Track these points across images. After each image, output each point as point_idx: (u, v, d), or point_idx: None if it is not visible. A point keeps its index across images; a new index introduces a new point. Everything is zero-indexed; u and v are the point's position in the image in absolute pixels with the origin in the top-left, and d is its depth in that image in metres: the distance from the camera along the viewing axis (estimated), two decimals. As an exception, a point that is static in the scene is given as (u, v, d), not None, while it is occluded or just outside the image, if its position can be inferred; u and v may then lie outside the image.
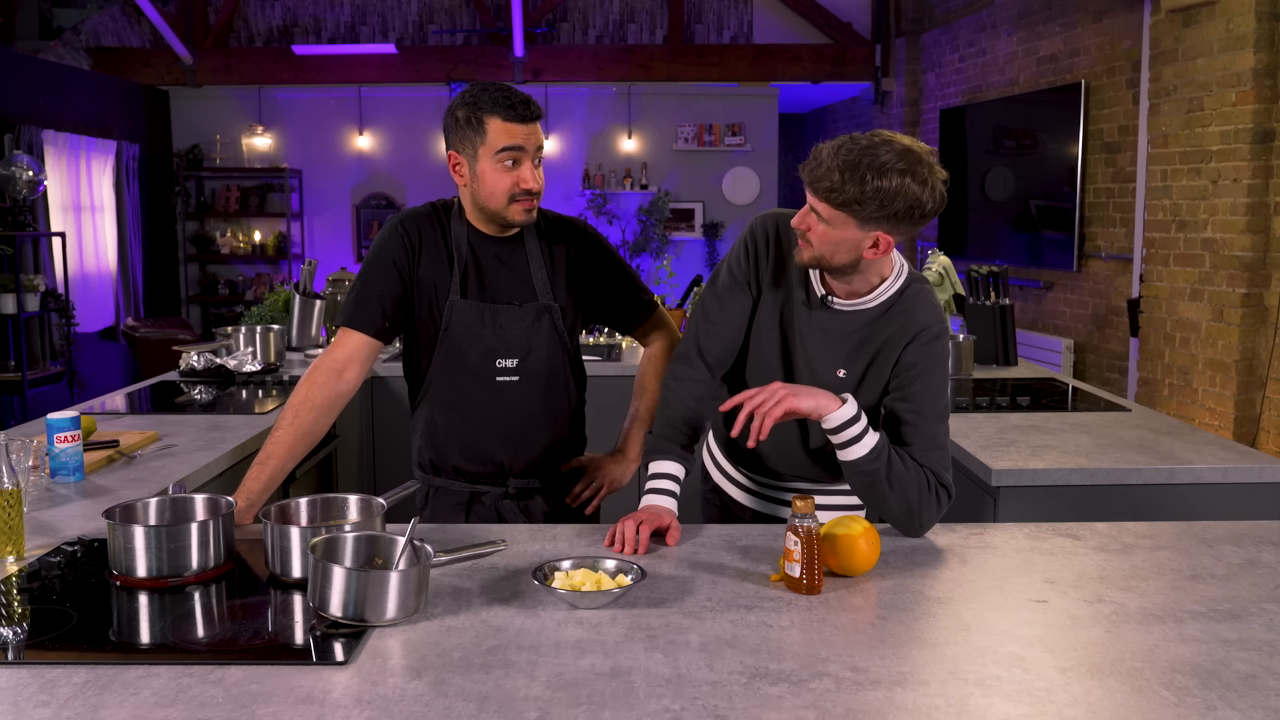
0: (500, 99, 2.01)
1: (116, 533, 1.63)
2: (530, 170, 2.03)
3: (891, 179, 1.68)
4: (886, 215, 1.71)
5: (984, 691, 1.27)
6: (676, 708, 1.22)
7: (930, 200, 1.72)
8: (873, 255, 1.79)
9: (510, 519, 2.17)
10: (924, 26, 8.76)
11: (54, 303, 7.22)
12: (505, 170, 2.02)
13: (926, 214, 1.73)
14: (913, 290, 1.89)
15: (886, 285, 1.88)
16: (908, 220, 1.73)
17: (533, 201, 2.06)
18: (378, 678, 1.30)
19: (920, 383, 1.85)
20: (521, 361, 2.12)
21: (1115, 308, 6.03)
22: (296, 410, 2.01)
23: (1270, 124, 4.64)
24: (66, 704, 1.23)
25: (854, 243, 1.77)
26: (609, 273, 2.24)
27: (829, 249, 1.79)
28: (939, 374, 1.87)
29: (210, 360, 3.62)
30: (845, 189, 1.70)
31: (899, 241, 1.80)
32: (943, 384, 1.88)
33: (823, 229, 1.77)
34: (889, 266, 1.89)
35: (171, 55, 9.02)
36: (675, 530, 1.83)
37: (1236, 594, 1.59)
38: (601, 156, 9.55)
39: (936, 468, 1.84)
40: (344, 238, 9.71)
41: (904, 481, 1.79)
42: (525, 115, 2.01)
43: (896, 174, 1.68)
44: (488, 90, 2.02)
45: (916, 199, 1.70)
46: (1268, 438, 4.71)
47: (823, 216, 1.76)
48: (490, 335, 2.11)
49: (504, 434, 2.14)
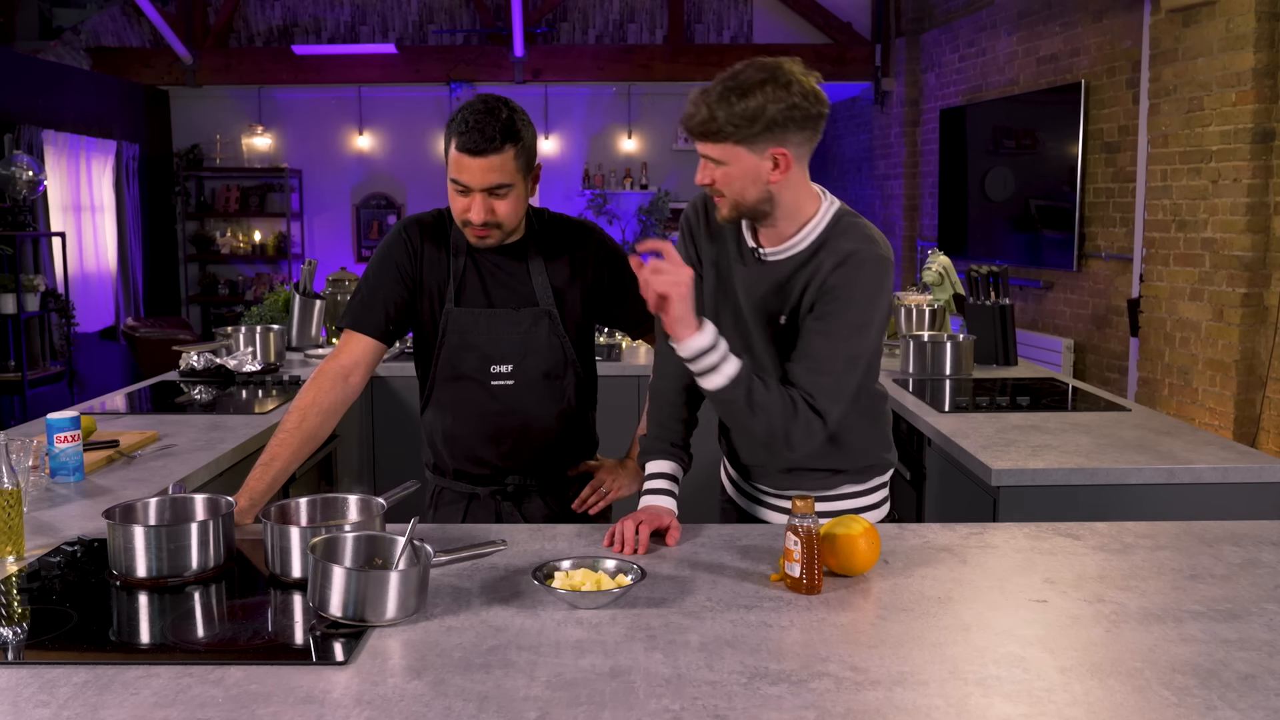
0: (463, 123, 1.94)
1: (116, 533, 1.63)
2: (478, 203, 1.97)
3: (754, 92, 1.71)
4: (767, 127, 1.72)
5: (984, 691, 1.27)
6: (676, 708, 1.22)
7: (802, 99, 1.73)
8: (779, 178, 1.77)
9: (507, 519, 2.18)
10: (924, 26, 8.76)
11: (54, 303, 7.23)
12: (457, 194, 2.00)
13: (808, 114, 1.74)
14: (844, 224, 1.86)
15: (814, 224, 1.85)
16: (791, 126, 1.74)
17: (484, 231, 2.01)
18: (378, 678, 1.30)
19: (834, 305, 1.79)
20: (516, 366, 2.12)
21: (1115, 307, 6.03)
22: (303, 413, 2.01)
23: (1270, 124, 4.64)
24: (66, 704, 1.23)
25: (754, 171, 1.77)
26: (616, 276, 2.21)
27: (737, 190, 1.79)
28: (858, 301, 1.79)
29: (210, 360, 3.62)
30: (717, 118, 1.73)
31: (800, 154, 1.79)
32: (861, 316, 1.80)
33: (722, 171, 1.78)
34: (812, 205, 1.86)
35: (171, 55, 9.02)
36: (675, 530, 1.83)
37: (1236, 594, 1.59)
38: (601, 156, 9.55)
39: (815, 391, 1.77)
40: (344, 238, 9.71)
41: (766, 407, 1.74)
42: (475, 147, 1.92)
43: (757, 86, 1.71)
44: (465, 109, 1.97)
45: (787, 101, 1.72)
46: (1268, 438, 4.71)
47: (715, 158, 1.78)
48: (485, 342, 2.12)
49: (498, 436, 2.15)
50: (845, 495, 2.01)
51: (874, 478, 2.05)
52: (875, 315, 1.82)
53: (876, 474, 2.05)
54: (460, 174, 1.97)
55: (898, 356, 3.98)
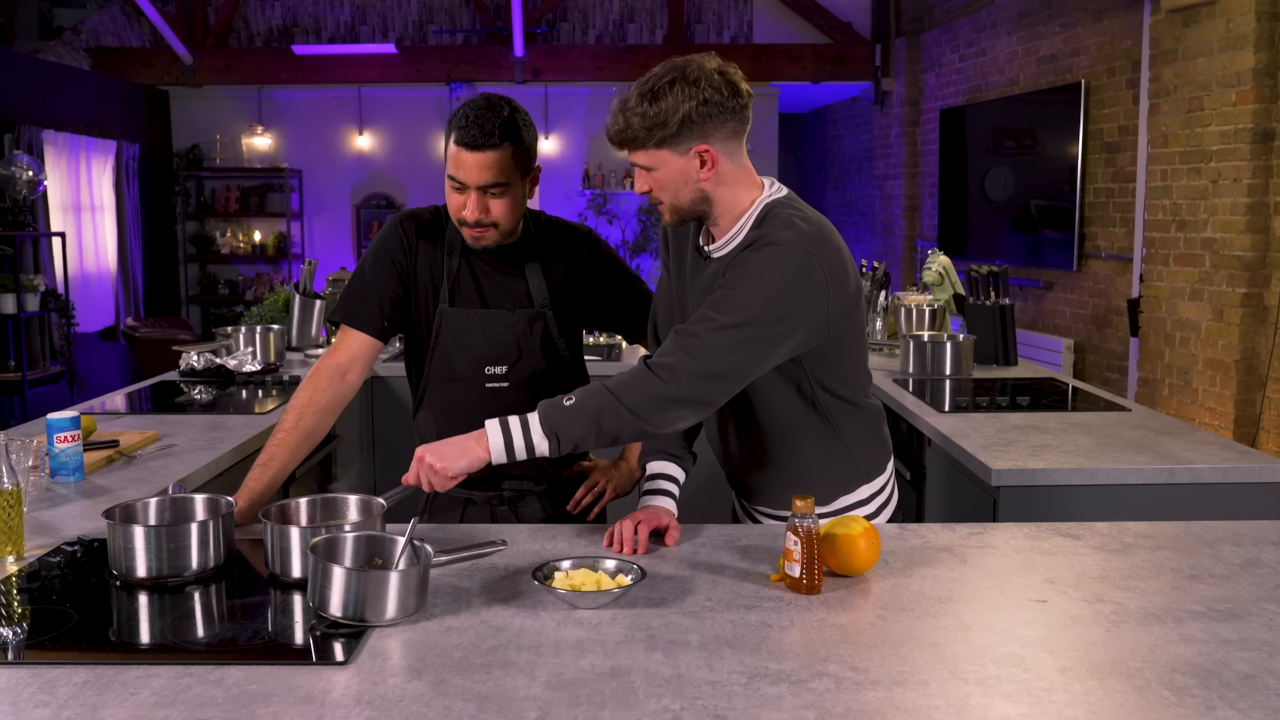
0: (463, 118, 1.94)
1: (116, 533, 1.63)
2: (473, 201, 1.97)
3: (665, 94, 1.70)
4: (684, 125, 1.71)
5: (984, 691, 1.27)
6: (676, 708, 1.22)
7: (714, 92, 1.70)
8: (709, 175, 1.75)
9: (503, 523, 2.16)
10: (924, 26, 8.76)
11: (54, 303, 7.23)
12: (453, 191, 2.00)
13: (724, 107, 1.72)
14: (774, 213, 1.80)
15: (747, 217, 1.81)
16: (709, 122, 1.71)
17: (479, 230, 2.01)
18: (378, 678, 1.30)
19: (727, 283, 1.73)
20: (511, 368, 2.12)
21: (1115, 307, 6.03)
22: (300, 413, 2.00)
23: (1270, 124, 4.64)
24: (66, 704, 1.23)
25: (683, 172, 1.75)
26: (614, 281, 2.22)
27: (671, 194, 1.78)
28: (751, 281, 1.70)
29: (210, 360, 3.62)
30: (633, 125, 1.72)
31: (728, 148, 1.76)
32: (750, 295, 1.70)
33: (653, 177, 1.77)
34: (747, 198, 1.82)
35: (171, 55, 9.02)
36: (674, 530, 1.82)
37: (1236, 594, 1.59)
38: (601, 156, 9.55)
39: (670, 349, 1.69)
40: (344, 238, 9.71)
41: (584, 412, 1.69)
42: (473, 142, 1.93)
43: (666, 85, 1.71)
44: (467, 105, 1.97)
45: (698, 98, 1.70)
46: (1268, 438, 4.71)
47: (644, 165, 1.77)
48: (479, 343, 2.11)
49: None
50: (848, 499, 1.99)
51: (861, 484, 1.98)
52: (774, 297, 1.69)
53: (863, 480, 1.98)
54: (457, 170, 1.96)
55: (898, 356, 3.99)
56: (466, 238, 2.05)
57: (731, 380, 1.72)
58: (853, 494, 1.97)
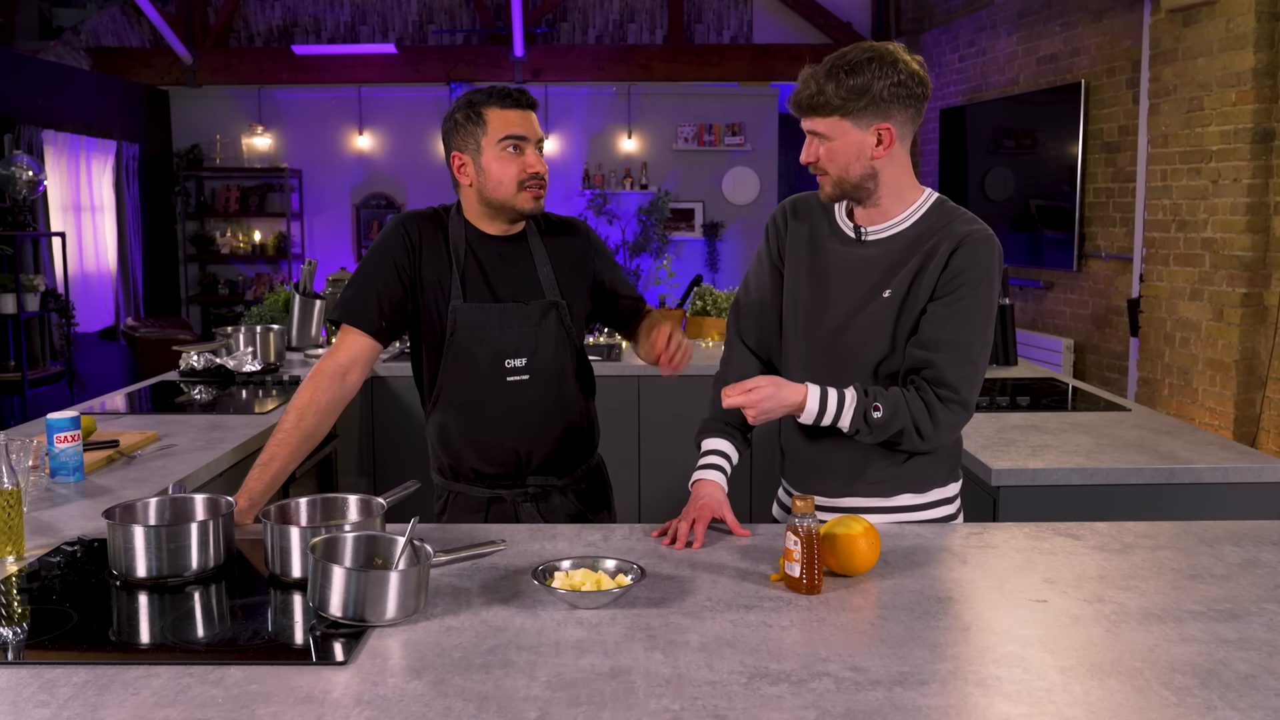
0: (495, 91, 2.08)
1: (116, 533, 1.63)
2: (535, 155, 2.07)
3: (862, 69, 1.79)
4: (873, 102, 1.79)
5: (984, 691, 1.27)
6: (676, 708, 1.22)
7: (908, 77, 1.79)
8: (883, 153, 1.82)
9: (527, 521, 2.15)
10: (924, 26, 8.76)
11: (54, 303, 7.22)
12: (510, 157, 2.05)
13: (912, 92, 1.80)
14: (948, 207, 1.91)
15: (918, 205, 1.90)
16: (896, 104, 1.80)
17: (540, 189, 2.09)
18: (377, 678, 1.30)
19: (963, 288, 1.82)
20: (530, 360, 2.13)
21: (1115, 307, 6.03)
22: (300, 413, 2.01)
23: (1270, 124, 4.64)
24: (66, 704, 1.23)
25: (860, 146, 1.82)
26: (608, 272, 2.27)
27: (841, 166, 1.84)
28: (985, 281, 1.83)
29: (210, 360, 3.62)
30: (825, 92, 1.79)
31: (903, 133, 1.84)
32: (988, 295, 1.84)
33: (827, 147, 1.83)
34: (914, 186, 1.91)
35: (171, 55, 9.02)
36: (736, 527, 1.87)
37: (1236, 594, 1.59)
38: (601, 156, 9.54)
39: (959, 382, 1.81)
40: (344, 238, 9.71)
41: (883, 429, 1.82)
42: (521, 102, 2.08)
43: (865, 64, 1.79)
44: (481, 90, 2.09)
45: (893, 79, 1.78)
46: (1268, 438, 4.71)
47: (822, 133, 1.83)
48: (498, 336, 2.11)
49: (518, 432, 2.13)
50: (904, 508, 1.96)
51: (933, 488, 1.97)
52: (995, 294, 1.86)
53: (935, 484, 1.97)
54: (514, 127, 2.05)
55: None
56: (527, 203, 2.08)
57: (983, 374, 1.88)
58: (944, 489, 1.99)
